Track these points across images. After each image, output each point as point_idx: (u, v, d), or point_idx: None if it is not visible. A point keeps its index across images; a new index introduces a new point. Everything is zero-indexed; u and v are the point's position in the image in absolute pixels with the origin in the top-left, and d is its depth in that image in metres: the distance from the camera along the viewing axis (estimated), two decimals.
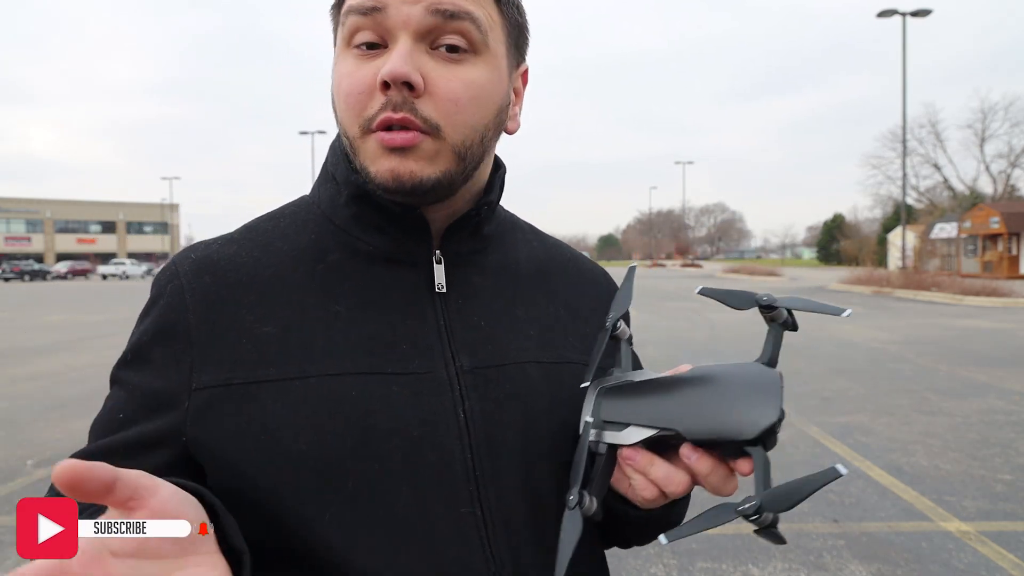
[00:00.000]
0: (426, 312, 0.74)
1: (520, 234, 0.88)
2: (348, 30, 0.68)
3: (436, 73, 0.67)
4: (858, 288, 25.23)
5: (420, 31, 0.66)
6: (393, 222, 0.73)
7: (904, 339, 11.66)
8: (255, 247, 0.75)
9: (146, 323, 0.74)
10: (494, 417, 0.72)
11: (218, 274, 0.73)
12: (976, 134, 49.18)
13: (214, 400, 0.67)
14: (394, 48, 0.66)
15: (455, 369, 0.72)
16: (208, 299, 0.71)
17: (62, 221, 70.16)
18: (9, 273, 49.25)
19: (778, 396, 0.61)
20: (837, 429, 6.00)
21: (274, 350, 0.69)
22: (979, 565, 3.46)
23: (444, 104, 0.67)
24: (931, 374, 8.50)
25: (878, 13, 26.71)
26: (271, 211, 0.82)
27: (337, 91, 0.69)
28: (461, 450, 0.70)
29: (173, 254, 0.78)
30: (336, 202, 0.76)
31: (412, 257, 0.75)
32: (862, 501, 4.34)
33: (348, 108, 0.68)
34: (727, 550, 3.67)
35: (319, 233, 0.76)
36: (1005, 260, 34.44)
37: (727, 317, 15.75)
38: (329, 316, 0.71)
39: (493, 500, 0.70)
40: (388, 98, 0.65)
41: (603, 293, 0.88)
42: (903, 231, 29.35)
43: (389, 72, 0.64)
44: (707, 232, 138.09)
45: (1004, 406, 6.80)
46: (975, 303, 19.03)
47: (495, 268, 0.80)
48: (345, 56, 0.69)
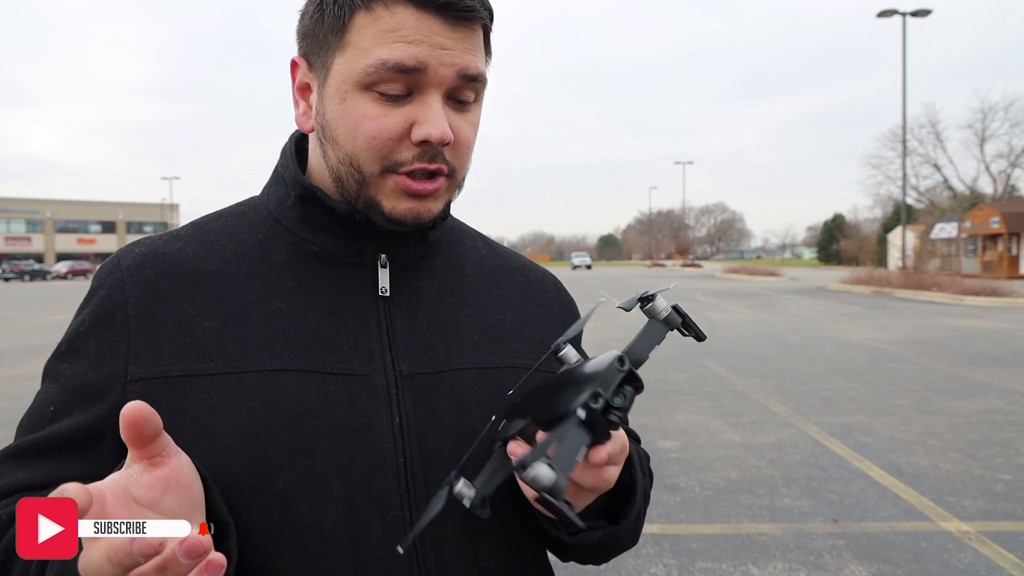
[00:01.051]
0: (369, 315, 0.75)
1: (468, 241, 0.89)
2: (375, 78, 0.68)
3: (456, 123, 0.72)
4: (858, 288, 25.22)
5: (448, 91, 0.70)
6: (341, 224, 0.75)
7: (904, 339, 11.66)
8: (201, 244, 0.76)
9: (83, 314, 0.74)
10: (429, 423, 0.73)
11: (161, 268, 0.73)
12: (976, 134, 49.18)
13: (149, 391, 0.67)
14: (429, 104, 0.69)
15: (394, 374, 0.73)
16: (149, 291, 0.72)
17: (62, 221, 70.12)
18: (9, 273, 49.23)
19: (597, 380, 0.58)
20: (837, 429, 5.99)
21: (213, 344, 0.70)
22: (979, 565, 3.46)
23: (461, 149, 0.73)
24: (931, 374, 8.50)
25: (878, 13, 26.70)
26: (220, 210, 0.83)
27: (352, 127, 0.71)
28: (394, 454, 0.70)
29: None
30: (284, 203, 0.78)
31: (358, 259, 0.77)
32: (862, 501, 4.33)
33: (371, 149, 0.70)
34: (727, 550, 3.67)
35: (266, 233, 0.78)
36: (1005, 260, 34.43)
37: (727, 317, 15.76)
38: (270, 313, 0.72)
39: (423, 505, 0.70)
40: (423, 150, 0.70)
41: (551, 301, 0.90)
42: (903, 231, 29.35)
43: (439, 137, 0.68)
44: (707, 232, 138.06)
45: (1004, 406, 6.79)
46: (975, 303, 19.02)
47: (441, 273, 0.82)
48: (361, 97, 0.70)
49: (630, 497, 0.77)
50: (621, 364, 0.59)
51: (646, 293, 0.66)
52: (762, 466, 5.03)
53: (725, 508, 4.26)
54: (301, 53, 0.76)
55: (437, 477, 0.71)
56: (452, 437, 0.73)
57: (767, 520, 4.07)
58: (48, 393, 0.72)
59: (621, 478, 0.75)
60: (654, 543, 3.75)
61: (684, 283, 33.66)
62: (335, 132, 0.72)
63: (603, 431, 0.60)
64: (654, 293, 0.66)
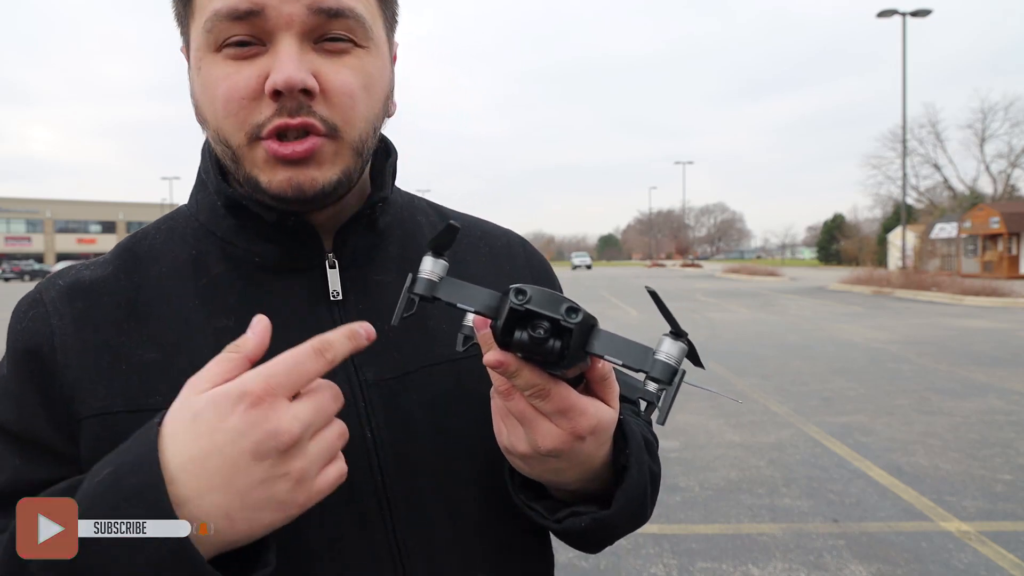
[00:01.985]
0: (323, 322, 0.68)
1: (422, 216, 0.82)
2: (215, 37, 0.62)
3: (326, 69, 0.63)
4: (858, 288, 25.22)
5: (304, 30, 0.62)
6: (278, 229, 0.68)
7: (904, 339, 11.66)
8: (132, 269, 0.70)
9: (8, 360, 0.67)
10: (403, 432, 0.68)
11: (91, 298, 0.67)
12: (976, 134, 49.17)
13: (92, 430, 0.63)
14: (278, 49, 0.61)
15: (358, 383, 0.68)
16: (78, 323, 0.66)
17: (62, 221, 70.10)
18: (9, 273, 49.27)
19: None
20: (837, 429, 5.99)
21: (157, 375, 0.64)
22: (979, 565, 3.46)
23: (339, 100, 0.63)
24: (931, 374, 8.50)
25: (878, 13, 26.72)
26: (146, 227, 0.76)
27: (210, 97, 0.64)
28: (369, 471, 0.66)
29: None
30: (216, 212, 0.71)
31: (303, 263, 0.70)
32: (862, 501, 4.33)
33: (229, 115, 0.63)
34: (727, 550, 3.67)
35: (199, 247, 0.71)
36: (1005, 260, 34.43)
37: (727, 317, 15.76)
38: (216, 332, 0.66)
39: (406, 522, 0.67)
40: (281, 104, 0.61)
41: (520, 264, 0.84)
42: (903, 231, 29.38)
43: (284, 81, 0.60)
44: (707, 232, 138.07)
45: (1004, 406, 6.79)
46: (975, 303, 19.02)
47: (396, 261, 0.75)
48: (213, 60, 0.63)
49: (623, 479, 0.70)
50: (517, 296, 0.55)
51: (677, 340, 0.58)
52: (762, 466, 5.03)
53: (725, 508, 4.26)
54: (182, 41, 0.70)
55: (417, 490, 0.68)
56: (428, 443, 0.69)
57: (767, 520, 4.07)
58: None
59: (617, 460, 0.70)
60: (654, 543, 3.74)
61: (684, 283, 33.67)
62: (202, 108, 0.66)
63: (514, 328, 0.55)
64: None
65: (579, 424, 0.60)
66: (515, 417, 0.61)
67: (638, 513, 0.71)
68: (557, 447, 0.61)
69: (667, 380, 0.57)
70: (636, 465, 0.69)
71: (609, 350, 0.58)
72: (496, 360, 0.57)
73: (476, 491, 0.71)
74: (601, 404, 0.63)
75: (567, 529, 0.69)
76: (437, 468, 0.69)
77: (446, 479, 0.70)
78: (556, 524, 0.69)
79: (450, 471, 0.70)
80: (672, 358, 0.57)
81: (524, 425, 0.61)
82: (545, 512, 0.69)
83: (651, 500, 0.74)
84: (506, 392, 0.60)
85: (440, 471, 0.69)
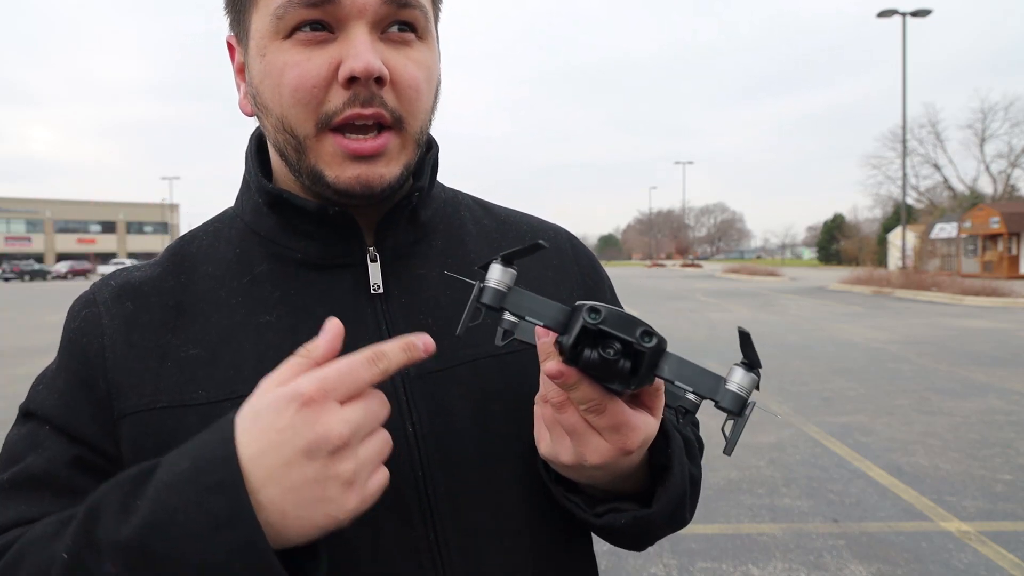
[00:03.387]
0: (365, 316, 0.69)
1: (466, 212, 0.81)
2: (286, 23, 0.62)
3: (394, 60, 0.63)
4: (858, 288, 25.22)
5: (375, 19, 0.62)
6: (319, 225, 0.69)
7: (904, 339, 11.66)
8: (180, 271, 0.72)
9: (59, 353, 0.70)
10: (444, 427, 0.67)
11: (140, 299, 0.70)
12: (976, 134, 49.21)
13: (137, 426, 0.64)
14: (351, 37, 0.61)
15: (400, 377, 0.67)
16: (128, 324, 0.68)
17: (62, 221, 70.12)
18: (9, 273, 49.24)
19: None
20: (837, 429, 5.99)
21: (201, 373, 0.65)
22: (979, 565, 3.46)
23: (406, 92, 0.64)
24: (931, 374, 8.50)
25: (878, 13, 26.72)
26: (194, 229, 0.78)
27: (275, 83, 0.63)
28: (411, 467, 0.66)
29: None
30: (259, 211, 0.72)
31: (344, 259, 0.71)
32: (862, 501, 4.33)
33: (298, 103, 0.63)
34: (727, 550, 3.67)
35: (244, 246, 0.72)
36: (1005, 260, 34.43)
37: (727, 317, 15.75)
38: (259, 329, 0.67)
39: (448, 518, 0.66)
40: (354, 93, 0.61)
41: (568, 262, 0.83)
42: (903, 231, 29.34)
43: (364, 68, 0.60)
44: (707, 232, 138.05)
45: (1004, 406, 6.79)
46: (975, 303, 19.02)
47: (439, 255, 0.75)
48: (280, 47, 0.63)
49: (664, 479, 0.70)
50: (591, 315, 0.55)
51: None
52: (762, 466, 5.03)
53: (725, 508, 4.26)
54: (230, 30, 0.70)
55: (459, 486, 0.67)
56: (472, 439, 0.68)
57: (767, 520, 4.07)
58: (26, 432, 0.68)
59: (658, 460, 0.70)
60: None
61: (684, 283, 33.66)
62: (263, 96, 0.65)
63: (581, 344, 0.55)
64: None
65: (630, 440, 0.60)
66: (565, 429, 0.61)
67: (677, 514, 0.71)
68: (605, 462, 0.61)
69: (737, 411, 0.57)
70: (678, 465, 0.69)
71: (679, 376, 0.58)
72: (557, 371, 0.57)
73: (519, 490, 0.70)
74: (649, 416, 0.63)
75: (606, 525, 0.68)
76: (479, 465, 0.68)
77: (489, 476, 0.69)
78: (596, 519, 0.68)
79: (493, 468, 0.69)
80: (744, 389, 0.57)
81: (573, 437, 0.61)
82: (584, 505, 0.69)
83: (691, 503, 0.74)
84: (560, 404, 0.60)
85: (483, 468, 0.68)
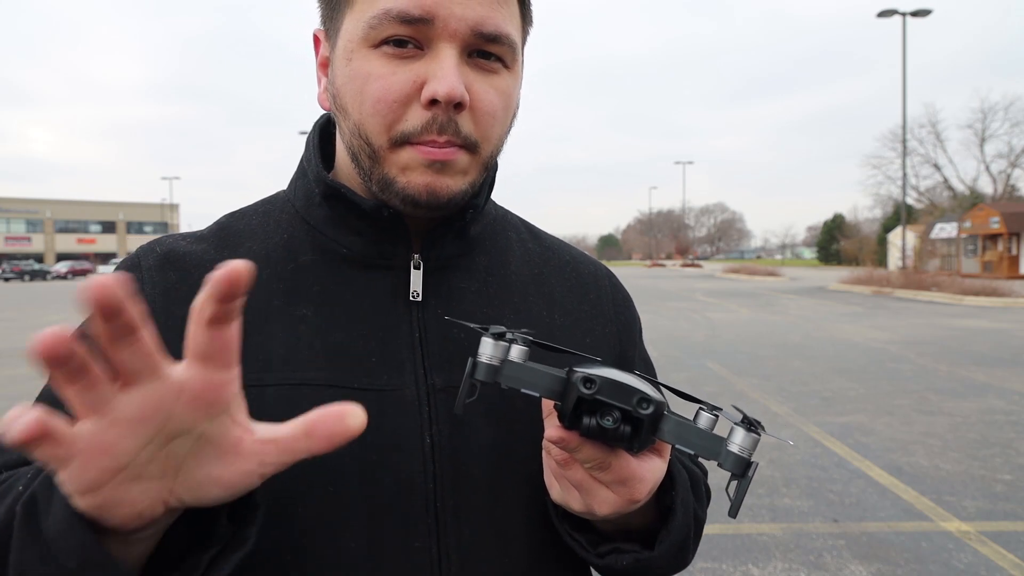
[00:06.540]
0: (400, 322, 0.69)
1: (513, 233, 0.82)
2: (378, 34, 0.62)
3: (477, 86, 0.64)
4: (858, 288, 25.21)
5: (463, 45, 0.63)
6: (371, 224, 0.69)
7: (904, 339, 11.66)
8: (225, 246, 0.72)
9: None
10: (463, 443, 0.67)
11: (183, 270, 0.69)
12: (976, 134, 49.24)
13: None
14: (440, 59, 0.62)
15: (426, 387, 0.67)
16: (170, 294, 0.67)
17: (62, 221, 70.10)
18: (9, 273, 49.18)
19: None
20: (837, 429, 5.99)
21: None
22: (979, 565, 3.46)
23: (484, 119, 0.65)
24: (931, 374, 8.50)
25: (878, 13, 26.72)
26: (245, 207, 0.78)
27: (358, 90, 0.64)
28: (423, 478, 0.65)
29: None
30: (311, 200, 0.72)
31: (389, 261, 0.70)
32: (862, 501, 4.34)
33: (376, 115, 0.63)
34: (727, 550, 3.67)
35: (292, 232, 0.72)
36: (1005, 260, 34.42)
37: (727, 317, 15.75)
38: (294, 320, 0.67)
39: (452, 535, 0.65)
40: (433, 116, 0.62)
41: (605, 298, 0.83)
42: (903, 231, 29.33)
43: (447, 93, 0.61)
44: (707, 232, 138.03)
45: (1004, 406, 6.79)
46: (975, 303, 19.02)
47: (482, 272, 0.75)
48: (368, 55, 0.63)
49: (668, 522, 0.69)
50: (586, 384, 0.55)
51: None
52: (762, 466, 5.03)
53: (725, 508, 4.24)
54: (321, 24, 0.70)
55: (469, 503, 0.66)
56: (487, 458, 0.67)
57: (767, 520, 4.07)
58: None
59: (663, 501, 0.70)
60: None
61: (684, 283, 33.66)
62: (344, 99, 0.66)
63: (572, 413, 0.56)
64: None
65: (637, 491, 0.61)
66: (571, 483, 0.62)
67: (679, 557, 0.70)
68: (614, 512, 0.61)
69: (740, 473, 0.57)
70: (681, 508, 0.69)
71: (680, 439, 0.58)
72: (558, 437, 0.57)
73: (525, 516, 0.69)
74: (656, 461, 0.63)
75: (608, 565, 0.68)
76: (491, 486, 0.67)
77: (498, 496, 0.68)
78: (598, 559, 0.68)
79: (503, 491, 0.68)
80: (746, 451, 0.58)
81: (581, 491, 0.62)
82: (587, 545, 0.69)
83: (693, 545, 0.73)
84: (564, 462, 0.60)
85: (493, 489, 0.68)
